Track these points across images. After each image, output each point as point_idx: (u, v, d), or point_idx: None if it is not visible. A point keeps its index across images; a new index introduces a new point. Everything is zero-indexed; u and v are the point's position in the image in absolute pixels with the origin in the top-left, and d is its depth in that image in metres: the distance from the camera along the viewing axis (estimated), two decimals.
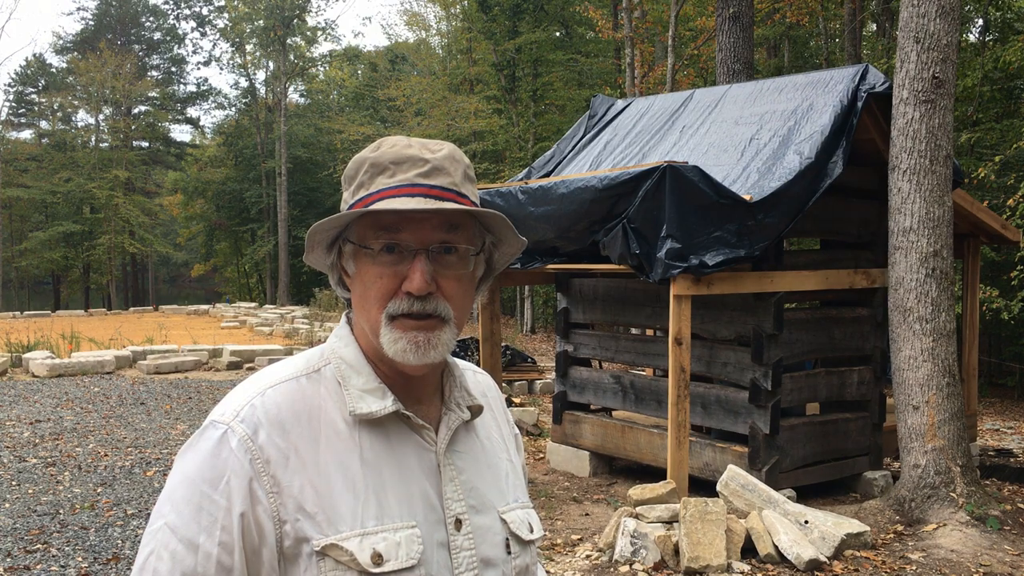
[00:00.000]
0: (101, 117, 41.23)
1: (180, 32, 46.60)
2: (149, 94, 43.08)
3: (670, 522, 5.23)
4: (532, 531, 1.31)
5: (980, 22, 16.55)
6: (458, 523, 1.20)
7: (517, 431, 1.45)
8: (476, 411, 1.29)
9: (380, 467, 1.17)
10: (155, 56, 47.36)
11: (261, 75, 41.53)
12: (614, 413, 7.85)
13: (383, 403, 1.19)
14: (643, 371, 8.46)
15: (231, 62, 41.70)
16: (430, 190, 1.16)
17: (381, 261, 1.17)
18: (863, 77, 6.38)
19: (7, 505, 6.50)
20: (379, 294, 1.17)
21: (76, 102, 42.83)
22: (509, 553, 1.25)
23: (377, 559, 1.12)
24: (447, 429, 1.24)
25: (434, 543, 1.17)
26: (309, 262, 1.26)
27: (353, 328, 1.26)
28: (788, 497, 5.76)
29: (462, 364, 1.38)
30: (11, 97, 45.32)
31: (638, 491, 5.46)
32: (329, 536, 1.11)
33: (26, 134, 45.97)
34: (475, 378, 1.39)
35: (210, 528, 1.09)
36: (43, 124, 45.39)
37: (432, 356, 1.17)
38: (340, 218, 1.17)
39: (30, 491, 6.88)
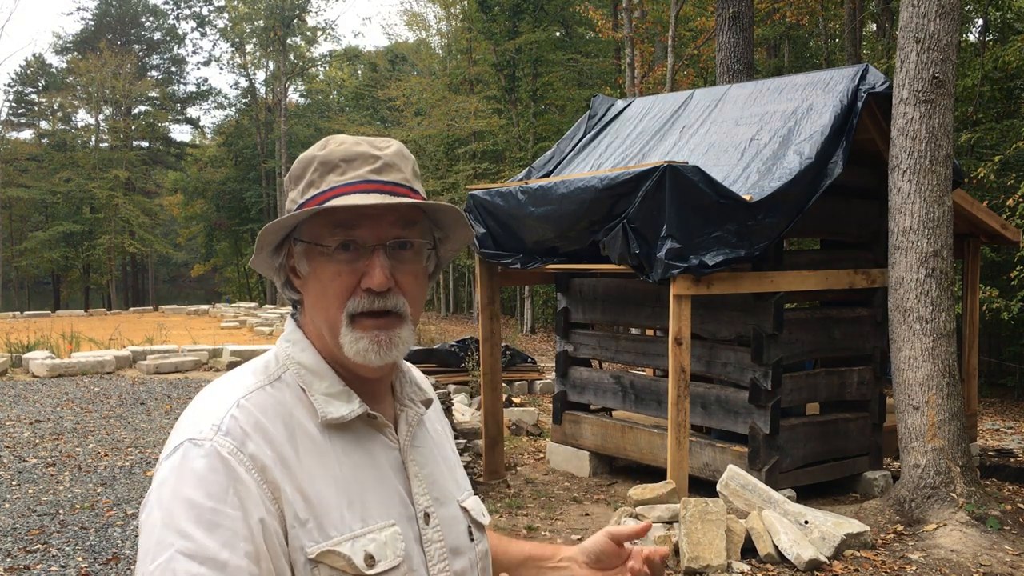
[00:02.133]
0: (101, 117, 41.26)
1: (180, 32, 46.63)
2: (149, 94, 43.10)
3: (670, 522, 5.23)
4: (485, 516, 1.34)
5: (980, 22, 16.56)
6: (427, 517, 1.22)
7: (448, 423, 1.48)
8: (427, 405, 1.31)
9: (356, 470, 1.17)
10: (155, 56, 47.39)
11: (261, 75, 41.62)
12: (614, 413, 7.85)
13: (351, 406, 1.18)
14: (643, 371, 8.46)
15: (231, 62, 41.76)
16: (384, 186, 1.16)
17: (338, 259, 1.16)
18: (863, 77, 6.38)
19: (7, 505, 6.50)
20: (337, 292, 1.16)
21: (76, 102, 42.86)
22: (472, 540, 1.28)
23: (369, 561, 1.11)
24: (407, 426, 1.25)
25: (411, 539, 1.18)
26: (255, 266, 1.24)
27: (305, 331, 1.24)
28: (788, 497, 5.76)
29: None
30: (11, 97, 45.38)
31: (638, 491, 5.46)
32: (321, 543, 1.10)
33: (26, 134, 46.03)
34: (413, 372, 1.40)
35: (231, 542, 1.04)
36: (43, 124, 45.44)
37: (393, 355, 1.17)
38: (294, 217, 1.15)
39: (30, 491, 6.88)
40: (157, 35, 47.33)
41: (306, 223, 1.18)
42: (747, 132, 6.68)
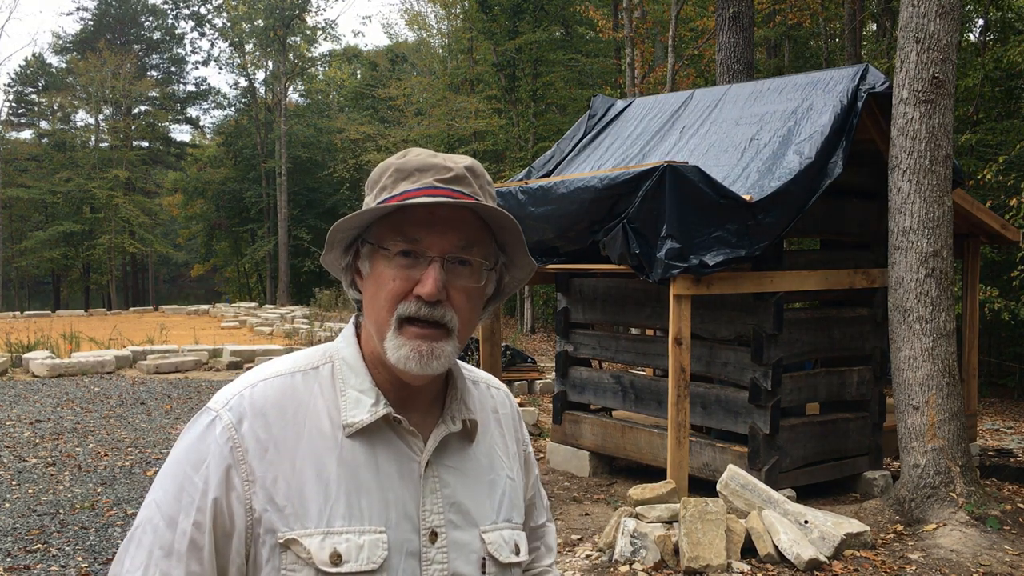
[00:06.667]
0: (101, 117, 41.21)
1: (179, 32, 46.59)
2: (149, 94, 43.04)
3: (670, 522, 5.23)
4: (518, 553, 1.29)
5: (980, 22, 16.55)
6: (433, 535, 1.20)
7: (530, 450, 1.44)
8: (470, 426, 1.28)
9: (357, 469, 1.18)
10: (155, 56, 47.34)
11: (261, 75, 41.51)
12: (614, 413, 7.85)
13: (374, 408, 1.20)
14: (643, 371, 8.46)
15: (230, 62, 41.70)
16: (452, 192, 1.19)
17: (397, 263, 1.19)
18: (863, 77, 6.38)
19: (7, 505, 6.51)
20: (390, 295, 1.19)
21: (76, 102, 42.80)
22: (484, 573, 1.24)
23: (336, 559, 1.14)
24: (433, 440, 1.24)
25: (403, 551, 1.18)
26: (325, 263, 1.28)
27: (359, 331, 1.29)
28: (788, 497, 5.77)
29: (482, 376, 1.39)
30: (11, 97, 45.33)
31: (638, 491, 5.46)
32: (293, 530, 1.15)
33: (26, 134, 45.98)
34: (488, 392, 1.39)
35: (188, 508, 1.15)
36: (43, 124, 45.37)
37: (433, 367, 1.18)
38: (362, 215, 1.19)
39: (30, 491, 6.88)
40: (156, 35, 47.29)
41: (374, 226, 1.22)
42: (747, 132, 6.68)
